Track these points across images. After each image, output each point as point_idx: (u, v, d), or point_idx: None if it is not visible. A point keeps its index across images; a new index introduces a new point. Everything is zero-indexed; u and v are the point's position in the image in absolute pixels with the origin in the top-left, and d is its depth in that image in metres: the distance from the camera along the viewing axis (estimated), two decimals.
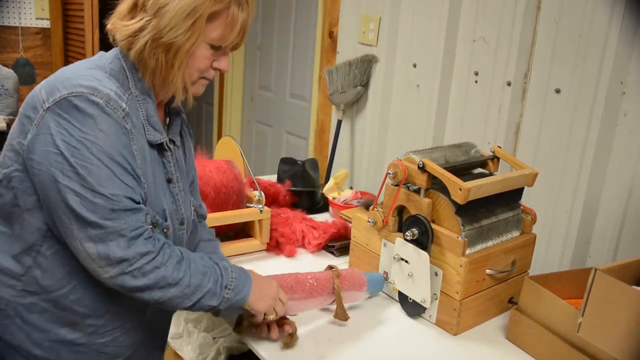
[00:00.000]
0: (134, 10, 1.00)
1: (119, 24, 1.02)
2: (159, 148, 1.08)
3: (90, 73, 0.98)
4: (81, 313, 1.03)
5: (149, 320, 1.15)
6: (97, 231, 0.94)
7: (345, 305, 1.32)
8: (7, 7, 2.91)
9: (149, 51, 1.00)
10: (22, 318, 1.02)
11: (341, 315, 1.31)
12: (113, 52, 1.05)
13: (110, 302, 1.05)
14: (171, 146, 1.12)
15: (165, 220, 1.07)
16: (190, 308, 1.05)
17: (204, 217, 1.37)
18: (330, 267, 1.37)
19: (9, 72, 2.92)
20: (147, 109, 1.04)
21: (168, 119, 1.16)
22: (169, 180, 1.12)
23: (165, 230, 1.07)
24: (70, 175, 0.92)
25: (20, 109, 0.99)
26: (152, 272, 0.98)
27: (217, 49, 1.04)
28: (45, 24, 3.03)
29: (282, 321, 1.23)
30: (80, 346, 1.05)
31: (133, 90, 1.02)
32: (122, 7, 1.02)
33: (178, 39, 0.98)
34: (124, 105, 0.97)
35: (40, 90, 0.97)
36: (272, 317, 1.18)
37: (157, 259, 0.99)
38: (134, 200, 0.98)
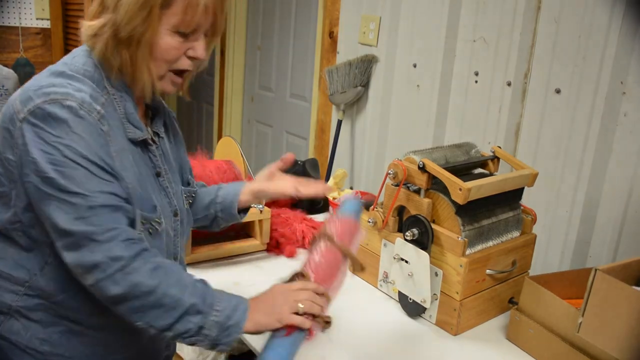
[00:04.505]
0: (101, 10, 0.99)
1: (86, 25, 1.00)
2: (143, 144, 1.06)
3: (63, 80, 0.96)
4: (89, 312, 1.03)
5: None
6: (69, 239, 0.92)
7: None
8: (7, 7, 2.91)
9: (111, 49, 0.98)
10: (26, 317, 1.02)
11: (359, 267, 1.18)
12: (85, 51, 1.02)
13: (110, 313, 1.00)
14: (156, 139, 1.11)
15: (158, 215, 1.06)
16: (174, 326, 0.95)
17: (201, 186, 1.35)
18: (318, 236, 1.16)
19: (9, 72, 2.92)
20: (126, 106, 1.02)
21: (151, 112, 1.14)
22: (158, 174, 1.10)
23: (155, 226, 1.05)
24: (48, 181, 0.91)
25: (0, 122, 0.97)
26: (124, 279, 0.92)
27: (186, 35, 1.00)
28: (46, 24, 3.02)
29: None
30: (89, 338, 1.05)
31: (109, 88, 1.00)
32: (92, 8, 1.00)
33: (136, 31, 0.96)
34: (98, 107, 0.95)
35: (16, 100, 0.95)
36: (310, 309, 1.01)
37: (130, 265, 0.93)
38: (114, 195, 0.94)
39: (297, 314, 1.01)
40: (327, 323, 1.07)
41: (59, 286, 1.01)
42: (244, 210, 1.33)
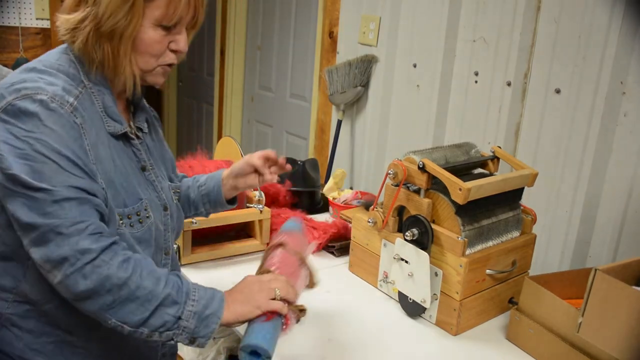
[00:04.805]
0: (79, 3, 0.97)
1: (63, 18, 0.98)
2: (125, 138, 1.05)
3: (34, 74, 0.95)
4: (75, 322, 1.01)
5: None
6: (34, 233, 0.89)
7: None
8: (7, 7, 2.91)
9: (93, 42, 0.96)
10: (18, 327, 1.00)
11: (312, 280, 1.19)
12: (60, 48, 1.02)
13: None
14: (139, 134, 1.10)
15: (144, 206, 1.05)
16: (148, 321, 0.93)
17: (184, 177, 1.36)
18: (272, 245, 1.19)
19: (9, 72, 2.92)
20: (104, 100, 1.00)
21: (132, 108, 1.13)
22: (143, 169, 1.09)
23: (143, 218, 1.04)
24: (11, 178, 0.88)
25: None
26: (93, 273, 0.89)
27: (169, 29, 1.00)
28: (45, 24, 3.02)
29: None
30: (80, 347, 1.04)
31: (86, 82, 0.99)
32: (68, 1, 0.99)
33: (119, 24, 0.94)
34: (71, 99, 0.94)
35: None
36: (279, 293, 1.02)
37: (99, 258, 0.90)
38: (81, 190, 0.91)
39: (273, 300, 1.01)
40: (301, 311, 1.08)
41: (43, 295, 0.99)
42: (232, 199, 1.34)
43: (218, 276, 1.52)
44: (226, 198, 1.32)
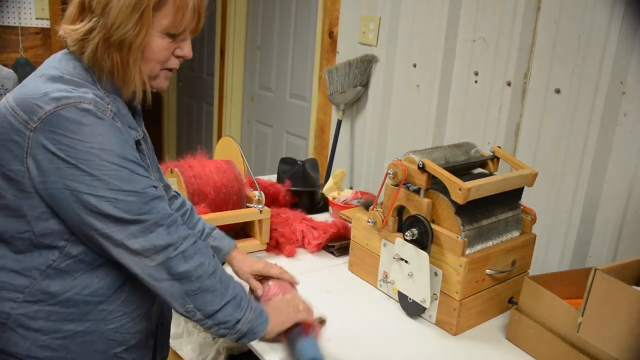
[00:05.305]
0: (82, 12, 0.98)
1: (69, 29, 0.98)
2: (136, 144, 1.06)
3: (63, 84, 0.95)
4: (95, 302, 1.03)
5: (156, 311, 1.16)
6: (137, 226, 0.95)
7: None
8: (7, 7, 2.91)
9: (102, 52, 0.97)
10: (25, 327, 1.01)
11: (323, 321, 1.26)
12: (67, 55, 1.01)
13: (126, 286, 1.06)
14: (142, 140, 1.11)
15: None
16: (216, 315, 1.01)
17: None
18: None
19: (9, 72, 2.91)
20: (119, 107, 1.02)
21: (132, 114, 1.14)
22: None
23: None
24: (95, 184, 0.92)
25: None
26: (193, 257, 0.99)
27: (175, 36, 1.02)
28: (45, 24, 3.02)
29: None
30: (90, 334, 1.05)
31: (102, 91, 1.00)
32: (71, 11, 0.99)
33: (128, 34, 0.95)
34: (109, 106, 0.96)
35: (15, 111, 0.93)
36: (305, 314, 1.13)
37: (198, 243, 1.01)
38: (155, 187, 0.99)
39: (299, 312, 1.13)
40: (322, 322, 1.19)
41: (64, 285, 1.01)
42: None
43: None
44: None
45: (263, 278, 1.28)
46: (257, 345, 1.22)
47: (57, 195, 0.94)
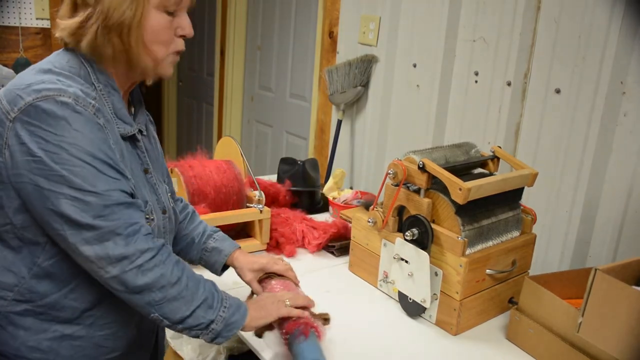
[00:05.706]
0: (74, 9, 0.98)
1: (63, 24, 0.99)
2: (131, 140, 1.06)
3: (51, 76, 0.95)
4: (81, 308, 1.03)
5: (142, 319, 1.15)
6: (91, 233, 0.92)
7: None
8: (7, 7, 2.91)
9: (102, 39, 0.97)
10: (14, 325, 1.01)
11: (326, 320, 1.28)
12: (66, 50, 1.02)
13: (110, 294, 1.03)
14: (139, 136, 1.11)
15: (149, 211, 1.06)
16: (186, 320, 1.01)
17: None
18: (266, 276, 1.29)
19: (9, 72, 2.91)
20: (113, 101, 1.01)
21: (133, 109, 1.14)
22: (146, 171, 1.10)
23: (149, 223, 1.05)
24: (56, 179, 0.90)
25: None
26: (152, 270, 0.96)
27: (172, 13, 1.01)
28: (45, 24, 3.02)
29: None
30: (79, 339, 1.04)
31: (97, 84, 0.99)
32: (64, 10, 1.00)
33: (125, 15, 0.95)
34: (92, 101, 0.95)
35: (1, 101, 0.93)
36: (289, 303, 1.14)
37: (157, 257, 0.97)
38: (125, 193, 0.96)
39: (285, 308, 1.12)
40: (325, 320, 1.18)
41: (50, 286, 1.00)
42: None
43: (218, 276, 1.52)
44: (221, 266, 1.32)
45: (267, 276, 1.27)
46: (257, 345, 1.22)
47: (23, 189, 0.93)
